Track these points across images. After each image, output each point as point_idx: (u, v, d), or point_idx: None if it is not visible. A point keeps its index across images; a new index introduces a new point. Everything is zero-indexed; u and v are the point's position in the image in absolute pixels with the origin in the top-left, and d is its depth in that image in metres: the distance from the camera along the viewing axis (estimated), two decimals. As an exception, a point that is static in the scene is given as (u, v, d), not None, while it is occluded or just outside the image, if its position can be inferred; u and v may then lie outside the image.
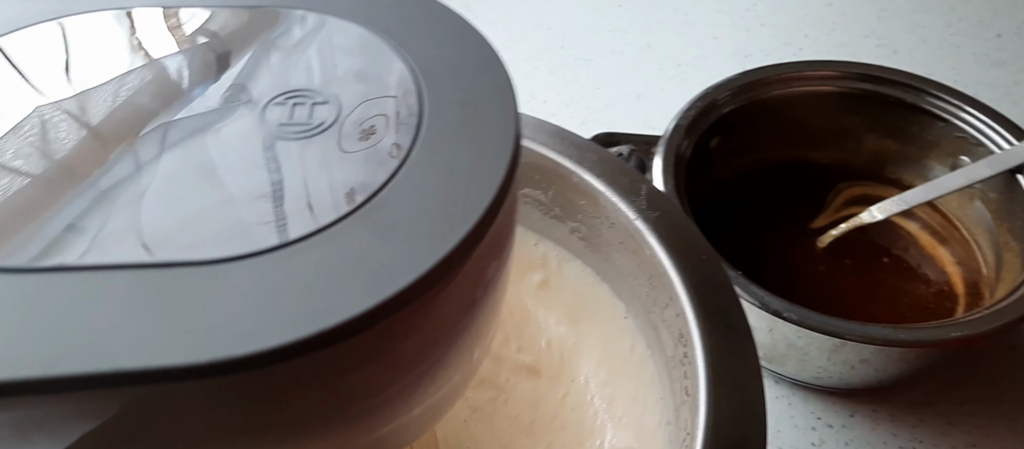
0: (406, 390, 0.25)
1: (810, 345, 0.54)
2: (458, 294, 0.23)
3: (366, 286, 0.20)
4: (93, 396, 0.19)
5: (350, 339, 0.20)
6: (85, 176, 0.24)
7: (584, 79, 0.91)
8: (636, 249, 0.44)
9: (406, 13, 0.29)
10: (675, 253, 0.42)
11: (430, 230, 0.22)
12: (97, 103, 0.26)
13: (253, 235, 0.22)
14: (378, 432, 0.25)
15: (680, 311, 0.40)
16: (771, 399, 0.61)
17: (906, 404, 0.61)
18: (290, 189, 0.23)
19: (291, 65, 0.27)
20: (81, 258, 0.21)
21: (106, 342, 0.19)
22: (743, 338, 0.39)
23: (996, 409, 0.60)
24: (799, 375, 0.59)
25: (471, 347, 0.27)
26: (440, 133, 0.25)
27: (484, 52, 0.27)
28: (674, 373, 0.42)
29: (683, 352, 0.40)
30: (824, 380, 0.58)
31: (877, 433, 0.59)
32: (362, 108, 0.25)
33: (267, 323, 0.20)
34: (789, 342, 0.55)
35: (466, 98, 0.26)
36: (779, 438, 0.59)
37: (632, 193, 0.45)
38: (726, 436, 0.35)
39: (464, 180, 0.23)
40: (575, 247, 0.50)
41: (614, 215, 0.45)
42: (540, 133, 0.47)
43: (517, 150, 0.25)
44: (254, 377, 0.20)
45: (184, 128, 0.25)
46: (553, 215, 0.50)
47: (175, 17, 0.29)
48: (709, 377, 0.37)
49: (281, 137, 0.25)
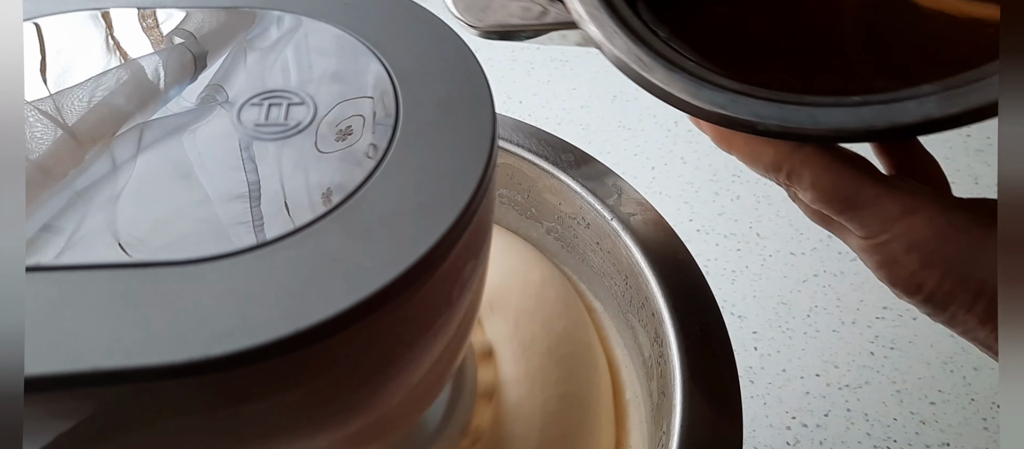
0: (382, 389, 0.25)
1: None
2: (434, 294, 0.23)
3: (342, 287, 0.21)
4: (69, 396, 0.19)
5: (326, 339, 0.20)
6: (61, 176, 0.23)
7: (560, 80, 0.92)
8: (612, 249, 0.45)
9: (383, 14, 0.29)
10: (650, 253, 0.42)
11: (407, 231, 0.22)
12: (73, 103, 0.26)
13: (229, 235, 0.22)
14: (354, 429, 0.26)
15: (655, 311, 0.41)
16: (746, 398, 0.61)
17: (880, 402, 0.61)
18: (267, 190, 0.23)
19: (268, 66, 0.27)
20: (57, 258, 0.21)
21: (82, 342, 0.19)
22: (718, 338, 0.39)
23: (969, 408, 0.61)
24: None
25: (448, 346, 0.27)
26: (417, 134, 0.25)
27: (461, 53, 0.27)
28: (650, 373, 0.42)
29: (659, 352, 0.40)
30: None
31: (852, 432, 0.60)
32: (338, 109, 0.25)
33: (243, 323, 0.20)
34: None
35: (443, 99, 0.26)
36: (754, 437, 0.60)
37: (608, 193, 0.45)
38: (702, 435, 0.35)
39: (441, 181, 0.23)
40: (551, 247, 0.51)
41: (590, 215, 0.46)
42: (517, 134, 0.48)
43: (493, 151, 0.25)
44: (230, 377, 0.20)
45: (160, 128, 0.25)
46: (529, 215, 0.50)
47: (152, 17, 0.29)
48: (685, 377, 0.37)
49: (258, 137, 0.25)
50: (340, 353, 0.22)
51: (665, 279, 0.41)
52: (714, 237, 0.73)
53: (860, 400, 0.62)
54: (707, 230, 0.73)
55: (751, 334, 0.67)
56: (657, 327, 0.40)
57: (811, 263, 0.71)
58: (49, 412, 0.20)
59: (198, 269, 0.21)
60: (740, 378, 0.37)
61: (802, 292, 0.69)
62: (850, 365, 0.64)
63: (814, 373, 0.64)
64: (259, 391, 0.21)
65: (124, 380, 0.19)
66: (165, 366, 0.19)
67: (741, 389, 0.37)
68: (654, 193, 0.75)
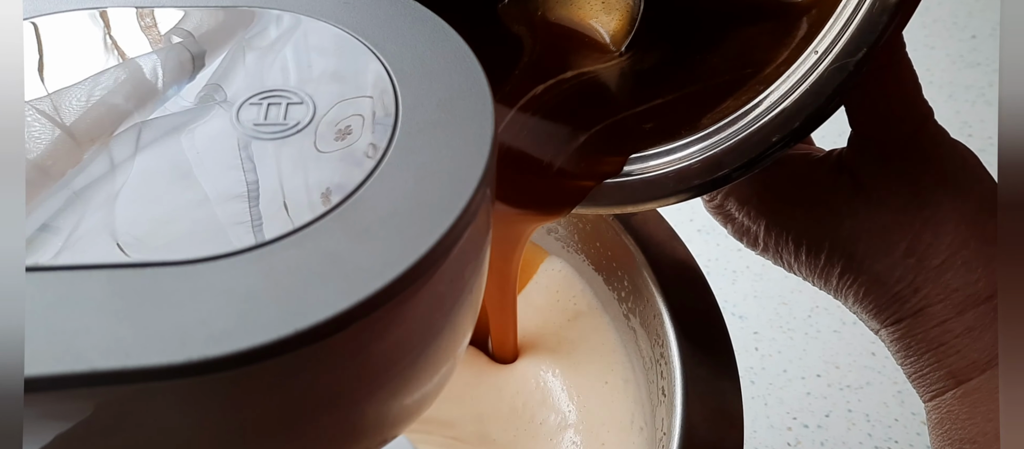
0: (381, 390, 0.25)
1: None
2: (434, 295, 0.23)
3: (342, 287, 0.20)
4: (67, 396, 0.19)
5: (325, 340, 0.20)
6: (59, 176, 0.23)
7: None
8: (612, 249, 0.45)
9: (381, 13, 0.29)
10: (650, 253, 0.42)
11: (406, 231, 0.22)
12: (71, 103, 0.26)
13: (228, 235, 0.22)
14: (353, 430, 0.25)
15: (655, 311, 0.40)
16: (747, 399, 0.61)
17: (882, 403, 0.61)
18: (265, 189, 0.23)
19: (266, 65, 0.27)
20: (55, 258, 0.21)
21: (80, 342, 0.19)
22: (719, 339, 0.39)
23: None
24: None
25: (447, 347, 0.27)
26: (416, 133, 0.25)
27: (460, 52, 0.27)
28: (651, 374, 0.42)
29: (660, 353, 0.40)
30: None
31: (853, 433, 0.60)
32: (338, 108, 0.25)
33: (242, 323, 0.20)
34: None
35: (442, 98, 0.26)
36: (755, 438, 0.60)
37: (609, 194, 0.45)
38: (702, 436, 0.35)
39: (440, 180, 0.23)
40: (552, 247, 0.50)
41: (590, 216, 0.46)
42: (517, 134, 0.47)
43: (493, 151, 0.25)
44: (229, 377, 0.20)
45: (159, 128, 0.25)
46: (530, 216, 0.50)
47: (150, 16, 0.29)
48: (685, 378, 0.37)
49: (256, 137, 0.25)
50: (340, 353, 0.21)
51: (665, 279, 0.41)
52: (714, 237, 0.73)
53: (861, 401, 0.62)
54: (708, 230, 0.73)
55: (752, 334, 0.67)
56: (657, 327, 0.40)
57: (812, 263, 0.71)
58: (48, 412, 0.20)
59: (197, 269, 0.21)
60: (741, 378, 0.37)
61: (803, 292, 0.69)
62: (851, 366, 0.64)
63: (815, 373, 0.64)
64: (257, 392, 0.21)
65: (123, 380, 0.19)
66: (164, 366, 0.19)
67: (742, 389, 0.37)
68: (655, 193, 0.75)
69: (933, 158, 0.34)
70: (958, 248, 0.33)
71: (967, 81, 0.90)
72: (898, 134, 0.33)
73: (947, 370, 0.34)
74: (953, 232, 0.33)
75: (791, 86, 0.31)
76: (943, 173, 0.33)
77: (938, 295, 0.33)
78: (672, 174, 0.33)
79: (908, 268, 0.34)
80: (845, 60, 0.29)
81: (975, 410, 0.33)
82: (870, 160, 0.34)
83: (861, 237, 0.34)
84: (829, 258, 0.35)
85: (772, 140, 0.31)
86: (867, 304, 0.36)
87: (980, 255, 0.33)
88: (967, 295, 0.33)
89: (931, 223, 0.33)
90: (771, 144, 0.31)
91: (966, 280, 0.33)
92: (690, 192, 0.33)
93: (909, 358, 0.36)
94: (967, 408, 0.33)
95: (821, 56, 0.31)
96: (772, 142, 0.31)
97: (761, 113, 0.32)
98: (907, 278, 0.34)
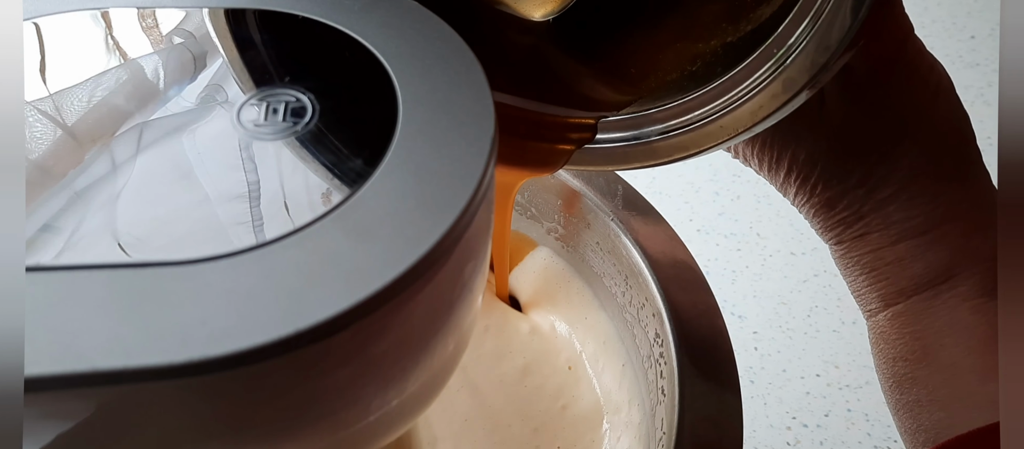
0: (382, 390, 0.25)
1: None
2: (435, 295, 0.23)
3: (342, 287, 0.20)
4: (68, 396, 0.19)
5: (326, 340, 0.20)
6: (60, 176, 0.23)
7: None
8: (612, 249, 0.45)
9: (380, 11, 0.29)
10: (650, 253, 0.42)
11: (406, 231, 0.22)
12: (72, 103, 0.26)
13: (229, 235, 0.22)
14: (353, 430, 0.25)
15: (655, 311, 0.41)
16: (746, 398, 0.61)
17: (881, 403, 0.61)
18: (266, 189, 0.23)
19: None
20: (57, 258, 0.21)
21: (82, 342, 0.19)
22: (719, 337, 0.39)
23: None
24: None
25: (448, 347, 0.27)
26: (416, 133, 0.25)
27: (459, 51, 0.27)
28: (650, 373, 0.42)
29: (659, 352, 0.40)
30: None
31: (852, 432, 0.60)
32: (338, 108, 0.25)
33: (243, 323, 0.20)
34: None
35: (442, 97, 0.26)
36: (754, 438, 0.60)
37: (608, 194, 0.45)
38: (702, 435, 0.35)
39: (440, 180, 0.23)
40: (552, 247, 0.50)
41: (590, 216, 0.46)
42: (517, 134, 0.47)
43: (494, 150, 0.25)
44: (230, 377, 0.20)
45: (160, 128, 0.25)
46: (530, 215, 0.50)
47: (151, 17, 0.29)
48: (685, 377, 0.37)
49: (257, 137, 0.25)
50: (340, 354, 0.21)
51: (665, 279, 0.41)
52: (714, 237, 0.73)
53: (861, 400, 0.62)
54: (707, 230, 0.73)
55: (751, 334, 0.67)
56: (657, 327, 0.40)
57: (811, 263, 0.71)
58: (49, 412, 0.20)
59: (197, 269, 0.21)
60: (740, 378, 0.37)
61: (802, 292, 0.69)
62: (851, 365, 0.64)
63: (814, 373, 0.64)
64: (258, 392, 0.21)
65: (123, 380, 0.19)
66: (165, 366, 0.19)
67: (741, 389, 0.37)
68: (654, 193, 0.75)
69: (906, 88, 0.34)
70: (907, 183, 0.34)
71: (966, 81, 0.90)
72: (876, 58, 0.34)
73: (878, 293, 0.37)
74: (907, 168, 0.34)
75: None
76: (913, 103, 0.34)
77: (878, 224, 0.35)
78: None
79: (856, 198, 0.35)
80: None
81: (903, 331, 0.36)
82: (842, 86, 0.34)
83: (818, 162, 0.35)
84: (788, 175, 0.36)
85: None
86: (815, 223, 0.37)
87: (926, 191, 0.34)
88: (904, 228, 0.35)
89: (888, 158, 0.34)
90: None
91: (907, 214, 0.34)
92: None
93: (848, 277, 0.38)
94: (896, 328, 0.36)
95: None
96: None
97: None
98: (854, 206, 0.35)
